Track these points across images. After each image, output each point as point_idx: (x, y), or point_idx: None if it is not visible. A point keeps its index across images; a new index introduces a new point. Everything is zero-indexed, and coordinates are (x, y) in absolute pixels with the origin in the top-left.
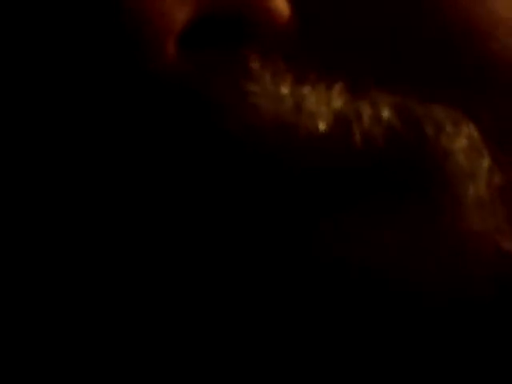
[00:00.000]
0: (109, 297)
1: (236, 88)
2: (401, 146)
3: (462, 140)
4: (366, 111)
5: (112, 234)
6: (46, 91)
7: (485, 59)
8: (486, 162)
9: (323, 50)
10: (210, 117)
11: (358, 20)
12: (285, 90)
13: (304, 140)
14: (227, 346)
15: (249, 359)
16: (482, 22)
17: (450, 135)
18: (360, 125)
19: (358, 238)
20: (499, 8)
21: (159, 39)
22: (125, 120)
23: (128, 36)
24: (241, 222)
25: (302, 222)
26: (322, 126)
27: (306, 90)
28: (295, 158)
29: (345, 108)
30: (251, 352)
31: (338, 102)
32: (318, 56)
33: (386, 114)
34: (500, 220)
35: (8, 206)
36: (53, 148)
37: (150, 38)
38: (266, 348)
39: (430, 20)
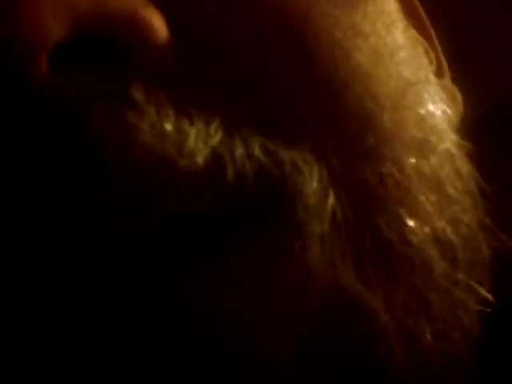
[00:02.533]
0: None
1: (120, 120)
2: (268, 184)
3: (313, 182)
4: (239, 148)
5: None
6: None
7: (336, 108)
8: (330, 203)
9: (202, 82)
10: (87, 147)
11: (231, 57)
12: (169, 126)
13: (183, 179)
14: None
15: None
16: (338, 70)
17: (304, 177)
18: (233, 161)
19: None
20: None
21: (29, 55)
22: None
23: None
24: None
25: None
26: (200, 164)
27: (187, 126)
28: (173, 199)
29: (220, 145)
30: None
31: (215, 139)
32: (197, 88)
33: (256, 152)
34: (339, 255)
35: None
36: None
37: (18, 53)
38: None
39: (284, 63)
